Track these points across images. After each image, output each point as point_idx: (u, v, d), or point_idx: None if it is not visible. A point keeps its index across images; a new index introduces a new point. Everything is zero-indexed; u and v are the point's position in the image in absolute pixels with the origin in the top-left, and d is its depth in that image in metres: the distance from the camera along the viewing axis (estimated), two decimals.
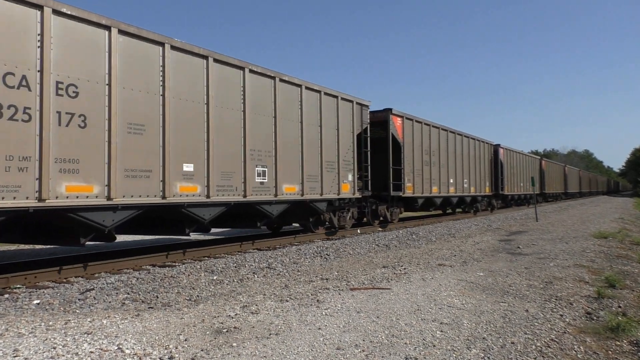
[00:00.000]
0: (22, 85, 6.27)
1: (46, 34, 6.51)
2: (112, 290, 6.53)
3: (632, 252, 10.48)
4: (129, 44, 7.57)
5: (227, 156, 9.26)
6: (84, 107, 6.92)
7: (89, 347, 3.99)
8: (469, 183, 21.79)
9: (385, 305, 5.51)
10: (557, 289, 6.50)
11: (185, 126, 8.44)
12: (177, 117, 8.28)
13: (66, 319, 4.95)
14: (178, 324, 4.78)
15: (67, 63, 6.76)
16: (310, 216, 12.27)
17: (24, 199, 6.21)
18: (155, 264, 8.68)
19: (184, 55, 8.48)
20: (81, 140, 6.87)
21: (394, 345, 4.16)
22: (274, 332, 4.49)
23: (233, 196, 9.34)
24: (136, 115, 7.63)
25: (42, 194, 6.35)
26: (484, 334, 4.50)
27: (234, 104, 9.48)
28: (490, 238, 13.12)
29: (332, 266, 8.63)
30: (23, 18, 6.33)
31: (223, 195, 9.13)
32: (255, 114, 9.95)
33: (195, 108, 8.65)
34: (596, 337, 4.57)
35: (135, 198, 7.53)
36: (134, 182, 7.54)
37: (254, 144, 9.87)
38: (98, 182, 7.06)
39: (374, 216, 15.18)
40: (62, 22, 6.73)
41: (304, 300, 5.75)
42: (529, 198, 32.47)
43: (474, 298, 5.90)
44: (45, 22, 6.50)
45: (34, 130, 6.34)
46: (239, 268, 8.27)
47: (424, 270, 7.90)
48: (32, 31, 6.40)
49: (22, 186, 6.18)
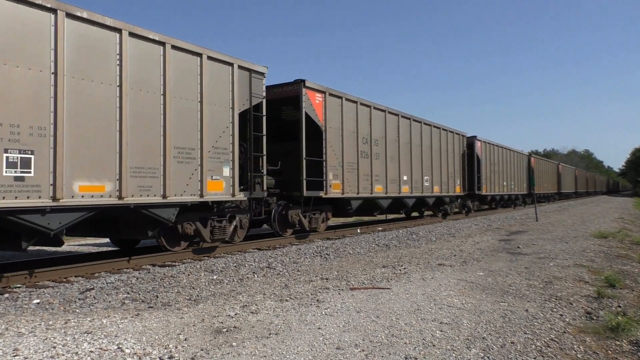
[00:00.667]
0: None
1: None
2: (112, 289, 6.53)
3: (632, 251, 10.49)
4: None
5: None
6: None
7: (88, 346, 3.99)
8: (431, 181, 18.02)
9: (385, 305, 5.51)
10: (557, 288, 6.50)
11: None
12: None
13: (66, 318, 4.95)
14: (178, 323, 4.78)
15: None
16: (148, 229, 8.27)
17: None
18: (155, 263, 8.68)
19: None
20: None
21: (394, 345, 4.16)
22: (274, 331, 4.49)
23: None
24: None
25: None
26: (484, 333, 4.50)
27: None
28: (490, 238, 13.13)
29: (332, 266, 8.64)
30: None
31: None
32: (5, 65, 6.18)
33: None
34: (596, 337, 4.57)
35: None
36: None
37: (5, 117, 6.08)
38: None
39: (283, 224, 11.72)
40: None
41: (303, 300, 5.75)
42: (514, 199, 29.86)
43: (473, 298, 5.90)
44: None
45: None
46: (238, 268, 8.27)
47: (424, 270, 7.90)
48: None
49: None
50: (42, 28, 6.61)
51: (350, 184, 13.13)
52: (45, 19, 6.63)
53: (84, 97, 7.05)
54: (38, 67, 6.54)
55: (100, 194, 7.16)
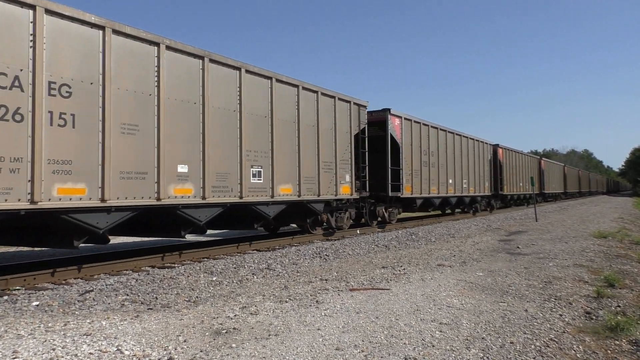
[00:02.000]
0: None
1: None
2: (112, 291, 6.53)
3: (632, 251, 10.49)
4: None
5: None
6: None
7: (88, 348, 3.98)
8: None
9: (385, 305, 5.51)
10: (557, 288, 6.50)
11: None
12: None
13: (65, 320, 4.95)
14: (177, 325, 4.78)
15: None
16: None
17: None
18: (155, 265, 8.68)
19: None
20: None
21: (393, 345, 4.16)
22: (273, 332, 4.49)
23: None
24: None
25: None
26: (483, 334, 4.50)
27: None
28: (489, 238, 13.12)
29: (332, 267, 8.63)
30: None
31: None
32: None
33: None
34: (595, 337, 4.57)
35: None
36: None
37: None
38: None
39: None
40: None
41: (303, 301, 5.75)
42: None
43: (473, 298, 5.90)
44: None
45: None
46: (238, 269, 8.27)
47: (423, 270, 7.90)
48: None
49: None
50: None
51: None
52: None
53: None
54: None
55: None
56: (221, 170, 9.12)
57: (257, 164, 10.01)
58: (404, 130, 16.19)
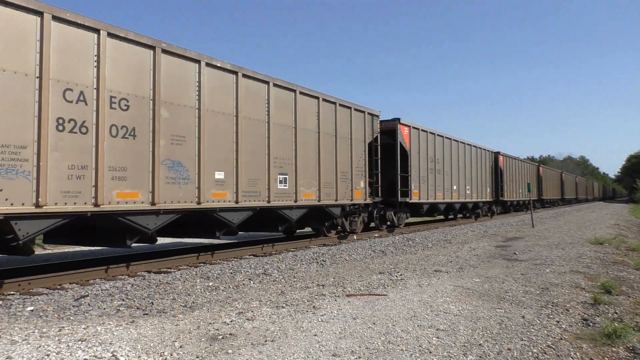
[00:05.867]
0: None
1: None
2: (107, 296, 6.49)
3: (628, 258, 10.50)
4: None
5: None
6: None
7: (83, 354, 3.95)
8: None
9: (382, 311, 5.49)
10: (554, 295, 6.50)
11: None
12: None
13: (60, 325, 4.91)
14: (173, 330, 4.74)
15: None
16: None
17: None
18: (151, 270, 8.64)
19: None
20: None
21: (390, 351, 4.14)
22: (270, 338, 4.46)
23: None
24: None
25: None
26: (480, 340, 4.49)
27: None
28: (486, 244, 13.13)
29: (329, 272, 8.61)
30: None
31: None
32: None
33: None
34: (592, 344, 4.56)
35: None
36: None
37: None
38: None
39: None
40: None
41: (300, 307, 5.72)
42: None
43: (470, 304, 5.89)
44: None
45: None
46: (234, 274, 8.24)
47: (420, 276, 7.88)
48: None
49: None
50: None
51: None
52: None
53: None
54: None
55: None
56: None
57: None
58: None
